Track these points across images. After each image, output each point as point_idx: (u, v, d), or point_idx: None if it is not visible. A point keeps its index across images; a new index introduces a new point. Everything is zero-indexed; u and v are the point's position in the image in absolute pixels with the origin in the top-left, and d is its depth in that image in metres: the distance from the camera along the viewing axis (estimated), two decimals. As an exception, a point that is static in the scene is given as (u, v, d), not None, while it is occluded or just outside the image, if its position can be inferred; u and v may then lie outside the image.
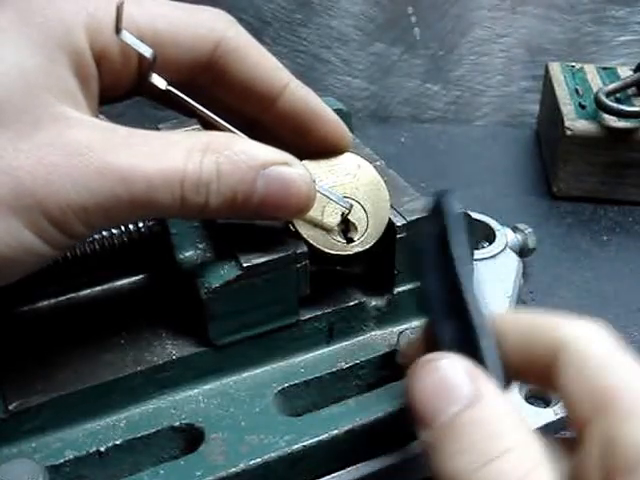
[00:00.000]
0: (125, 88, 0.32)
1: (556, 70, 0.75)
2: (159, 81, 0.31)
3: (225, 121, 0.33)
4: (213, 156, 0.29)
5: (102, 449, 0.32)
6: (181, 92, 0.32)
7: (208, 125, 0.33)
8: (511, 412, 0.24)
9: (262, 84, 0.33)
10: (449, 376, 0.24)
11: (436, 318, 0.29)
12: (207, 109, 0.33)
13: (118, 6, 0.28)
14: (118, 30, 0.29)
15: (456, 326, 0.28)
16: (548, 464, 0.22)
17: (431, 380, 0.25)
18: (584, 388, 0.23)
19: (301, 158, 0.34)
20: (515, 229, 0.54)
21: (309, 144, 0.35)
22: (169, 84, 0.32)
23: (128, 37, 0.29)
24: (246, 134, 0.32)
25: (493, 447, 0.22)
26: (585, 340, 0.24)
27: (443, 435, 0.24)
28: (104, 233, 0.36)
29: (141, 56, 0.30)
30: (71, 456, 0.31)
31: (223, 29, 0.33)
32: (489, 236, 0.52)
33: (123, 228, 0.36)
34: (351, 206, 0.35)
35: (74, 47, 0.29)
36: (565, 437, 0.24)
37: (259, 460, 0.31)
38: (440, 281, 0.29)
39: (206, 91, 0.34)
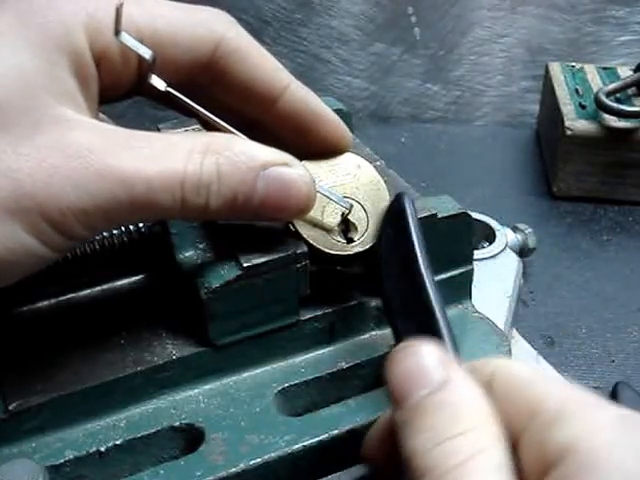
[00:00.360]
0: (125, 88, 0.32)
1: (556, 70, 0.75)
2: (158, 82, 0.31)
3: (225, 121, 0.33)
4: (213, 157, 0.29)
5: (102, 449, 0.32)
6: (181, 92, 0.32)
7: (208, 125, 0.33)
8: (475, 398, 0.25)
9: (262, 85, 0.33)
10: (423, 361, 0.26)
11: (398, 316, 0.31)
12: (207, 109, 0.33)
13: (117, 8, 0.28)
14: (117, 32, 0.29)
15: (417, 321, 0.30)
16: (501, 447, 0.24)
17: (407, 364, 0.26)
18: (515, 403, 0.25)
19: (301, 158, 0.34)
20: (515, 229, 0.54)
21: (309, 144, 0.35)
22: (168, 85, 0.31)
23: (127, 39, 0.29)
24: (246, 134, 0.32)
25: (451, 428, 0.24)
26: (510, 368, 0.27)
27: (411, 415, 0.25)
28: (104, 233, 0.36)
29: (140, 57, 0.30)
30: (71, 456, 0.31)
31: (223, 30, 0.33)
32: (489, 236, 0.52)
33: (123, 228, 0.36)
34: (351, 206, 0.35)
35: (73, 48, 0.29)
36: None
37: (259, 460, 0.31)
38: (401, 280, 0.31)
39: (206, 91, 0.34)
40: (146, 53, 0.30)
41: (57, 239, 0.27)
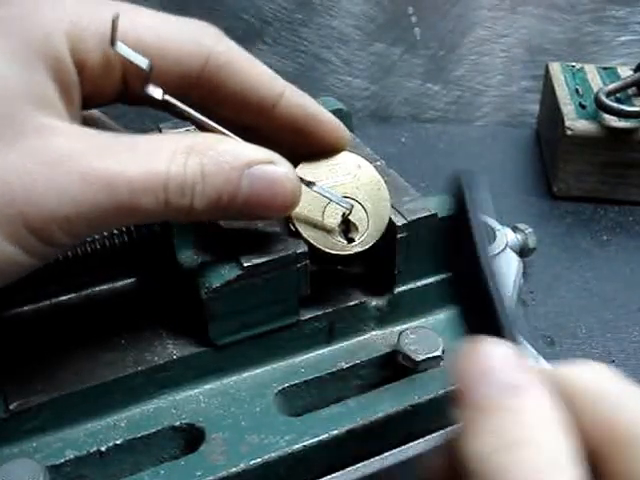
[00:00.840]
0: (109, 97, 0.32)
1: (556, 70, 0.75)
2: (155, 91, 0.31)
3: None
4: (197, 158, 0.29)
5: (103, 449, 0.32)
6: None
7: (204, 128, 0.33)
8: (550, 408, 0.23)
9: (257, 95, 0.33)
10: (497, 362, 0.24)
11: (466, 306, 0.27)
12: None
13: (114, 19, 0.28)
14: (113, 42, 0.29)
15: (481, 309, 0.26)
16: (579, 469, 0.21)
17: (478, 363, 0.24)
18: (600, 427, 0.23)
19: (298, 160, 0.34)
20: (515, 229, 0.54)
21: (308, 146, 0.35)
22: (165, 93, 0.31)
23: (123, 49, 0.29)
24: (242, 138, 0.32)
25: (520, 434, 0.22)
26: (595, 383, 0.24)
27: (477, 415, 0.23)
28: (104, 233, 0.36)
29: (137, 67, 0.30)
30: (72, 456, 0.31)
31: (212, 44, 0.32)
32: (489, 236, 0.52)
33: (124, 228, 0.36)
34: (352, 206, 0.35)
35: (54, 53, 0.28)
36: None
37: (259, 460, 0.31)
38: (467, 275, 0.27)
39: (198, 104, 0.33)
40: (143, 62, 0.30)
41: (39, 247, 0.27)
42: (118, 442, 0.32)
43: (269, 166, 0.30)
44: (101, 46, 0.30)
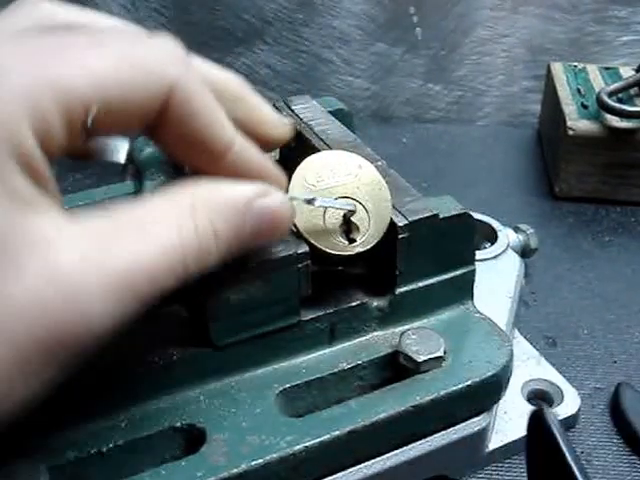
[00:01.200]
0: (74, 150, 0.29)
1: (558, 70, 0.75)
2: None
3: None
4: (204, 216, 0.28)
5: (103, 449, 0.32)
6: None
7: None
8: None
9: (205, 146, 0.31)
10: None
11: None
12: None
13: (100, 144, 0.27)
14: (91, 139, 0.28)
15: None
16: None
17: None
18: None
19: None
20: (517, 229, 0.54)
21: None
22: None
23: (104, 149, 0.28)
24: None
25: None
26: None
27: None
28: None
29: (115, 162, 0.29)
30: (72, 456, 0.31)
31: (175, 78, 0.29)
32: (491, 236, 0.52)
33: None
34: (355, 207, 0.35)
35: (21, 148, 0.25)
36: None
37: (260, 461, 0.31)
38: None
39: (156, 140, 0.31)
40: (122, 158, 0.29)
41: (58, 370, 0.26)
42: (118, 442, 0.32)
43: (264, 199, 0.30)
44: (63, 112, 0.26)
